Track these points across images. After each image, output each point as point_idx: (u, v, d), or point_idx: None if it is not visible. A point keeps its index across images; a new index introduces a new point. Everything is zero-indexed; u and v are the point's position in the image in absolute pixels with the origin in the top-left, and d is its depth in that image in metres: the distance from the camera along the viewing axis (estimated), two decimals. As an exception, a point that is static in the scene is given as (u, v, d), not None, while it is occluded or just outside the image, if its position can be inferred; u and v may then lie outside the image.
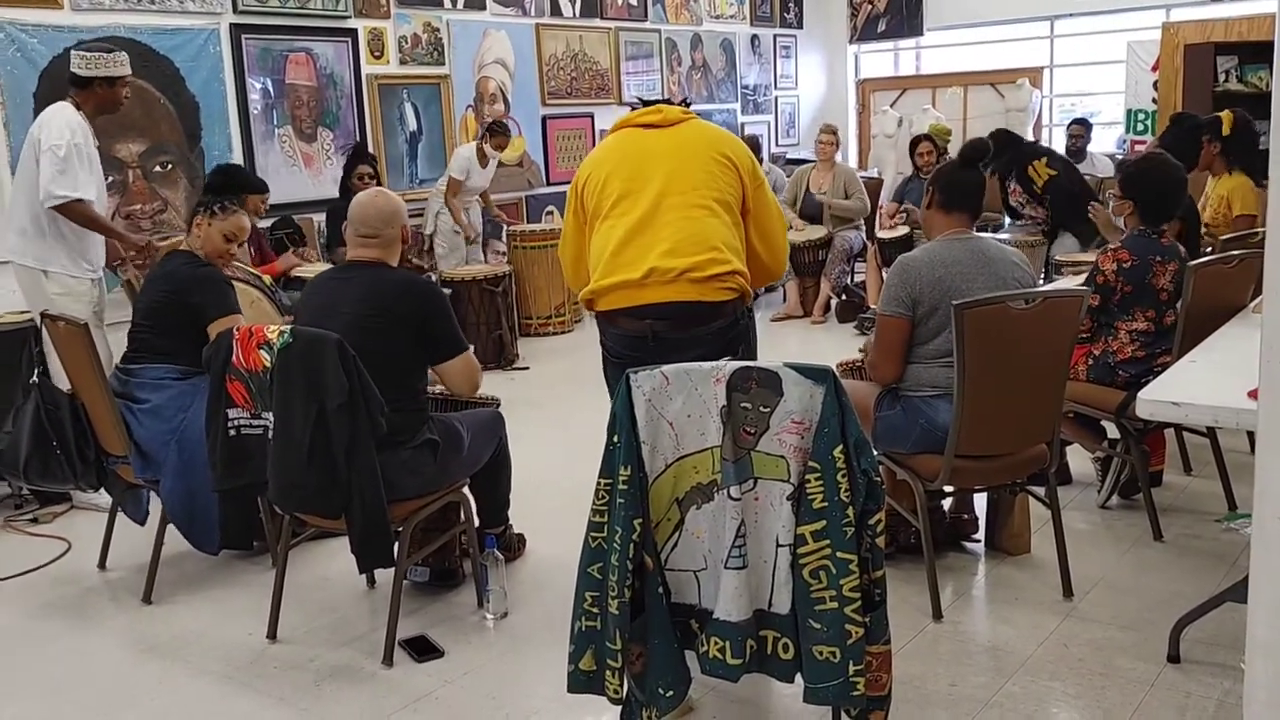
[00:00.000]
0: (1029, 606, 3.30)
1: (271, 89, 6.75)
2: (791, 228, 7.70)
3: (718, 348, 2.97)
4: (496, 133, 7.39)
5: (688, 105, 3.37)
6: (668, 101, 3.29)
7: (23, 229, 4.47)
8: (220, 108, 6.45)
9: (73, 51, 4.54)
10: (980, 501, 3.81)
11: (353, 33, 7.19)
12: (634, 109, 3.29)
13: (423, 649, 3.18)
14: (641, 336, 3.03)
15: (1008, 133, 7.13)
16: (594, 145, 8.93)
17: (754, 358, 3.13)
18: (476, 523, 3.54)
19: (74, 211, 4.38)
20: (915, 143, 8.01)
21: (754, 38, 10.88)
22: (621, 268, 3.00)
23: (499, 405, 3.70)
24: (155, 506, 3.73)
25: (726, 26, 10.50)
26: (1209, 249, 4.61)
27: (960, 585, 3.52)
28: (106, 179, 5.66)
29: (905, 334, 3.29)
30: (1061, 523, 3.38)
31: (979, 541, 3.76)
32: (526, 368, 6.93)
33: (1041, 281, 5.23)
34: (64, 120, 4.38)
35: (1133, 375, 3.69)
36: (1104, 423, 3.95)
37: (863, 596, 2.26)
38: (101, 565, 3.95)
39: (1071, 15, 10.46)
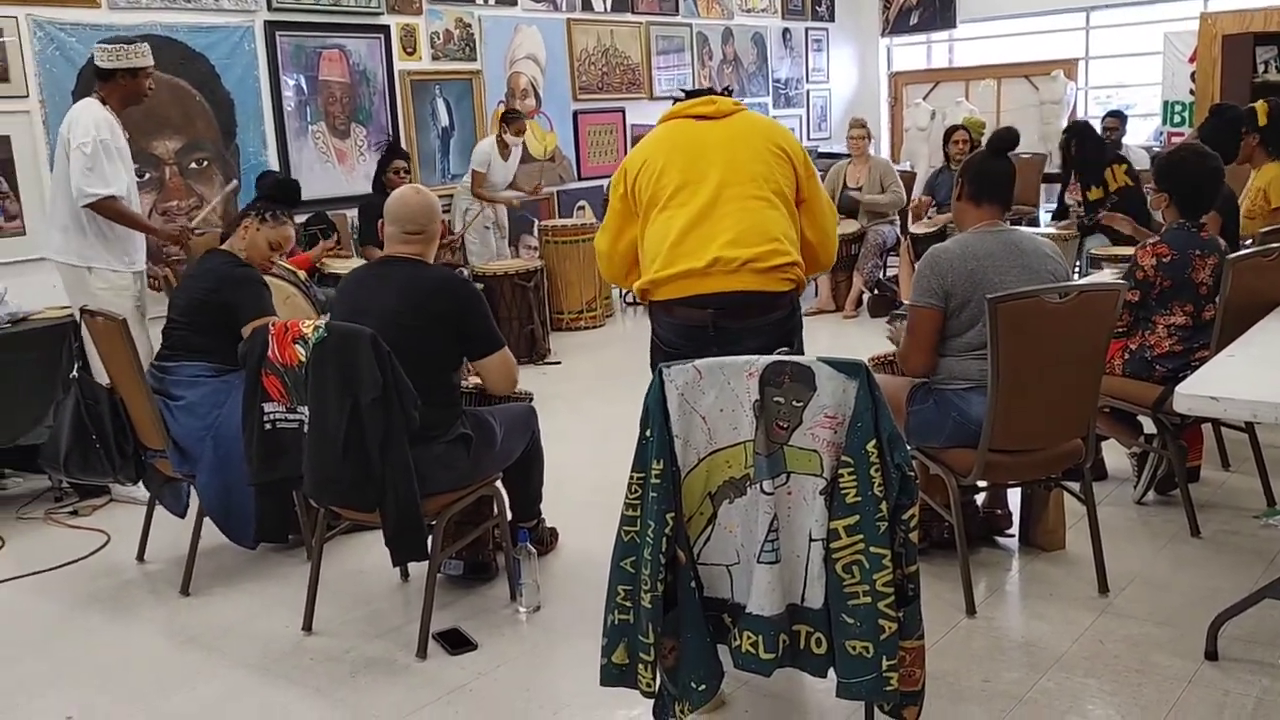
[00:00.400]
0: (1063, 602, 3.28)
1: (305, 85, 6.80)
2: None
3: (775, 338, 2.97)
4: (511, 120, 7.38)
5: (730, 93, 3.35)
6: (712, 91, 3.28)
7: (65, 226, 4.54)
8: (255, 104, 6.50)
9: (95, 45, 4.59)
10: (1014, 496, 3.79)
11: (385, 29, 7.23)
12: (677, 101, 3.27)
13: (456, 642, 3.20)
14: (701, 326, 3.01)
15: (1089, 126, 6.97)
16: (625, 140, 8.97)
17: (803, 350, 3.11)
18: (509, 516, 3.56)
19: (107, 208, 4.45)
20: (950, 133, 7.93)
21: (785, 31, 10.84)
22: (683, 257, 2.99)
23: (531, 399, 3.71)
24: (194, 499, 3.78)
25: (758, 20, 10.47)
26: (1248, 241, 4.56)
27: (994, 581, 3.50)
28: (143, 176, 5.74)
29: (937, 325, 3.27)
30: (1097, 518, 3.35)
31: (1013, 537, 3.74)
32: (558, 362, 6.96)
33: (1077, 276, 5.18)
34: (90, 117, 4.44)
35: (1170, 370, 3.65)
36: (1140, 418, 3.91)
37: (896, 592, 2.26)
38: (140, 558, 4.00)
39: (1108, 6, 10.35)
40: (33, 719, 2.95)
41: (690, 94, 3.27)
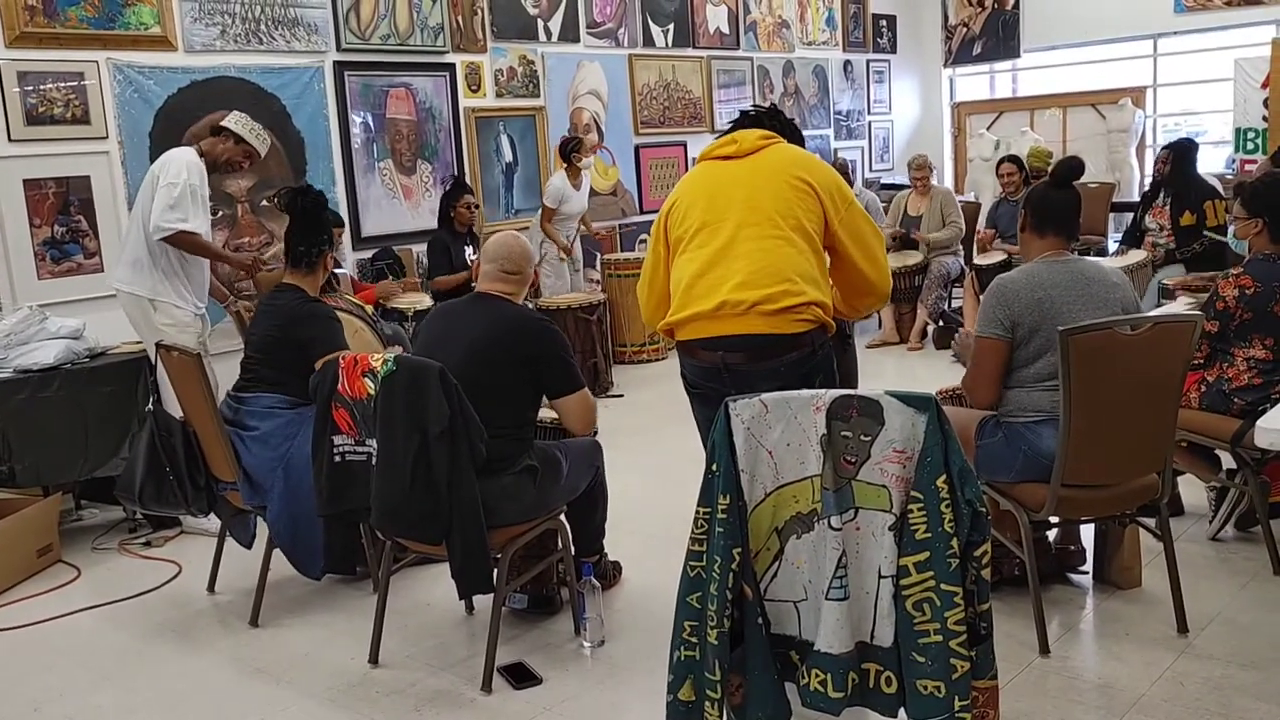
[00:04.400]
0: (1141, 642, 3.19)
1: (372, 123, 6.93)
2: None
3: (794, 380, 2.88)
4: (573, 148, 7.29)
5: (776, 110, 3.28)
6: (748, 113, 3.25)
7: (137, 260, 4.68)
8: (324, 143, 6.63)
9: (239, 111, 4.91)
10: (1088, 532, 3.70)
11: (450, 67, 7.35)
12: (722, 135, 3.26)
13: (521, 676, 3.20)
14: (715, 368, 2.99)
15: (1194, 146, 6.71)
16: (687, 173, 8.97)
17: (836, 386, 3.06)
18: (573, 551, 3.56)
19: (184, 241, 4.62)
20: (998, 165, 7.91)
21: (847, 63, 10.83)
22: (696, 300, 2.99)
23: (596, 434, 3.71)
24: (262, 530, 3.83)
25: (819, 53, 10.48)
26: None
27: (1067, 619, 3.42)
28: (217, 213, 5.88)
29: (1003, 357, 3.23)
30: (1175, 555, 3.26)
31: (1087, 574, 3.66)
32: (621, 395, 6.97)
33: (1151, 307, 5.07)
34: (184, 162, 4.65)
35: (1249, 403, 3.56)
36: (1219, 452, 3.81)
37: (968, 630, 2.21)
38: (210, 588, 4.06)
39: (1176, 33, 10.19)
40: (107, 748, 3.00)
41: (728, 130, 3.24)
